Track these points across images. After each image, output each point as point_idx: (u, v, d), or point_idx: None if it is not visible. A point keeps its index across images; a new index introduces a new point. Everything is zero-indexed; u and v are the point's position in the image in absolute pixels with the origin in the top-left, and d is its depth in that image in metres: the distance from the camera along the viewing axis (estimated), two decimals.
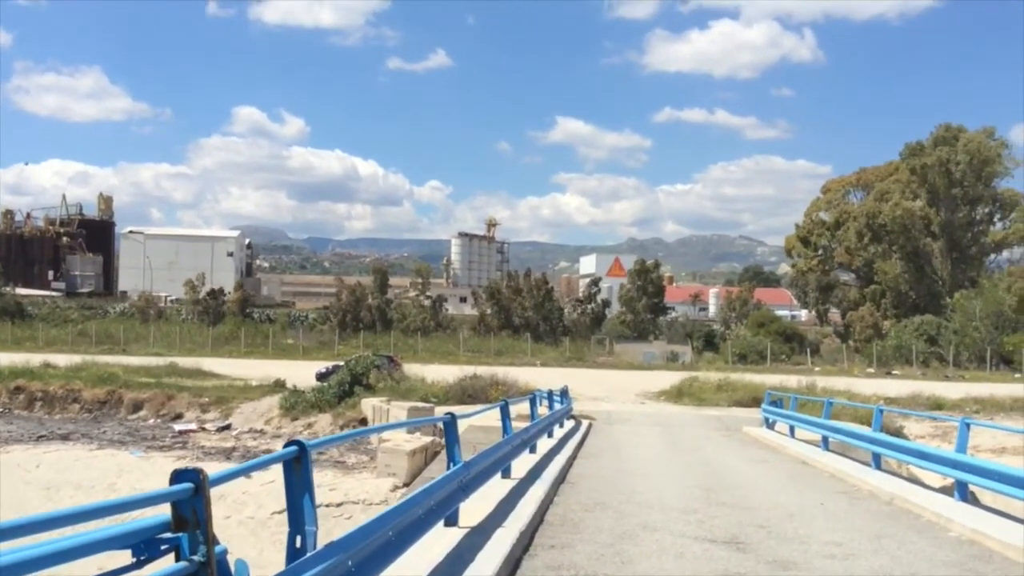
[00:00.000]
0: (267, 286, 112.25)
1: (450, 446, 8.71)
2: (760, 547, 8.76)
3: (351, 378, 30.31)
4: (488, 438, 15.12)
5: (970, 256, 78.38)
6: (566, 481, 13.07)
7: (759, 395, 28.25)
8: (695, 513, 10.62)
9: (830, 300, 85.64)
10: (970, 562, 8.30)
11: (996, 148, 77.45)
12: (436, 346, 66.38)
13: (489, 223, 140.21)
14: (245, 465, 4.60)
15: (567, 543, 8.69)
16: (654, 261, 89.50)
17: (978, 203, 78.72)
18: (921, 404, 30.66)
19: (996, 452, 21.58)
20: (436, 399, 27.75)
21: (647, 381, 40.30)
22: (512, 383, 29.87)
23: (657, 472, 14.75)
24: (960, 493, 11.34)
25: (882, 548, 8.84)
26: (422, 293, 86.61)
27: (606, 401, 32.54)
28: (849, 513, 11.06)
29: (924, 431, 25.46)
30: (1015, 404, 31.11)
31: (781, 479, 14.41)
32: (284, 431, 27.67)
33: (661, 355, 65.20)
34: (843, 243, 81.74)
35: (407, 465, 18.75)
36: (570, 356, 63.83)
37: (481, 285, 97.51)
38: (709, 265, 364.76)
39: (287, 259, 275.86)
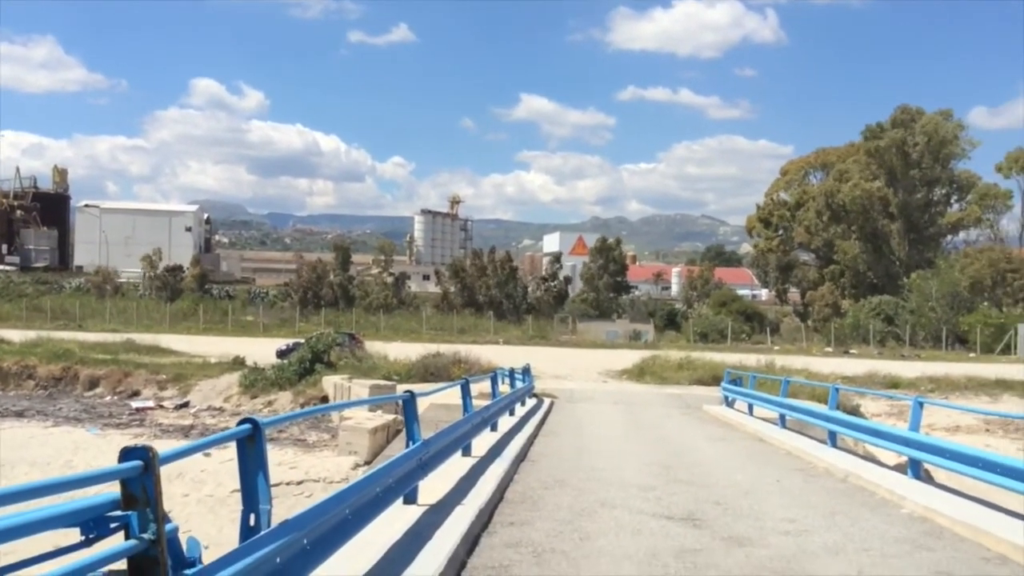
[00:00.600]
0: (226, 262, 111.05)
1: (409, 424, 8.69)
2: (716, 523, 8.86)
3: (312, 356, 30.08)
4: (449, 416, 15.11)
5: (927, 237, 79.72)
6: (527, 459, 13.11)
7: (719, 373, 28.52)
8: (654, 490, 10.71)
9: (790, 280, 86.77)
10: (921, 538, 8.46)
11: (953, 130, 78.66)
12: (399, 324, 66.18)
13: (452, 200, 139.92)
14: (197, 443, 4.53)
15: (526, 520, 8.72)
16: (615, 239, 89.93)
17: (935, 184, 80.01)
18: (877, 383, 31.13)
19: (950, 431, 22.01)
20: (398, 377, 27.65)
21: (609, 360, 40.51)
22: (475, 361, 29.85)
23: (617, 450, 14.85)
24: (913, 471, 11.54)
25: (835, 525, 8.98)
26: (385, 270, 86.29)
27: (568, 379, 32.68)
28: (804, 490, 11.22)
29: (880, 409, 25.88)
30: (970, 383, 31.71)
31: (739, 456, 14.58)
32: (244, 409, 27.43)
33: (624, 334, 65.60)
34: (803, 223, 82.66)
35: (369, 443, 18.69)
36: (533, 334, 63.98)
37: (444, 263, 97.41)
38: (672, 244, 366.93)
39: (247, 235, 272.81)
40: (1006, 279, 68.52)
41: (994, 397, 29.69)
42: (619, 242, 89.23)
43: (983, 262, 68.34)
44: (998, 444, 19.99)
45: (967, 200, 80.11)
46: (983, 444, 18.51)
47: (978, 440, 20.14)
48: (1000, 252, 71.51)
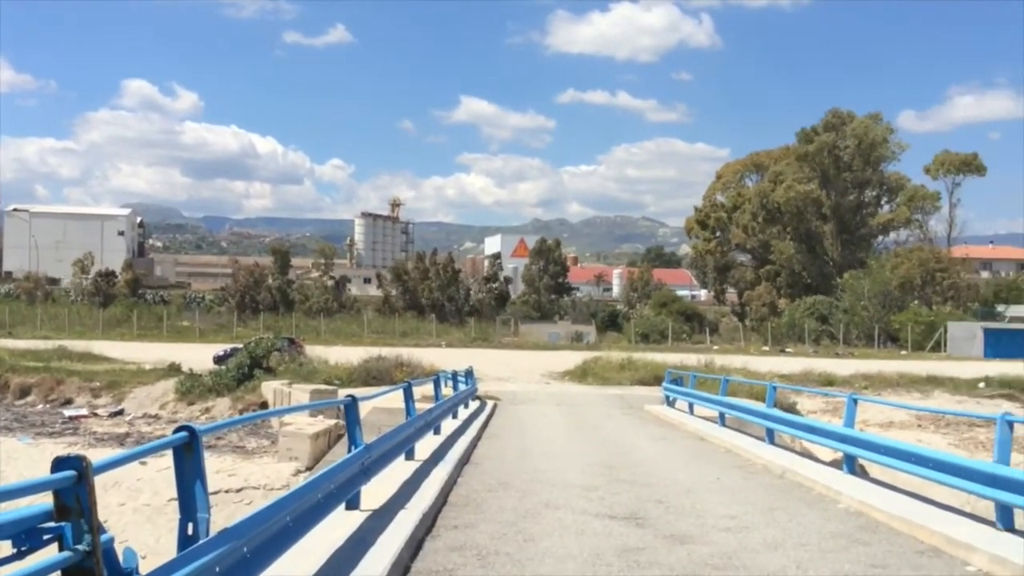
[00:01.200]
0: (161, 266, 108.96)
1: (351, 429, 8.60)
2: (658, 522, 8.95)
3: (251, 361, 29.63)
4: (392, 420, 15.00)
5: (859, 238, 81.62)
6: (470, 462, 13.09)
7: (660, 374, 28.81)
8: (597, 490, 10.77)
9: (728, 280, 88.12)
10: (857, 533, 8.65)
11: (883, 133, 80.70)
12: (340, 328, 65.61)
13: (393, 203, 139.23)
14: (132, 451, 4.44)
15: (470, 523, 8.70)
16: (555, 240, 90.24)
17: (866, 186, 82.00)
18: (813, 380, 31.77)
19: (883, 426, 22.52)
20: (339, 381, 27.38)
21: (552, 361, 40.66)
22: (417, 364, 29.72)
23: (560, 451, 14.91)
24: (848, 466, 11.80)
25: (774, 521, 9.13)
26: (325, 274, 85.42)
27: (511, 381, 32.72)
28: (743, 487, 11.39)
29: (816, 406, 26.37)
30: (901, 380, 32.53)
31: (680, 455, 14.75)
32: (180, 416, 26.90)
33: (566, 335, 65.93)
34: (739, 225, 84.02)
35: (310, 448, 18.47)
36: (475, 337, 63.95)
37: (386, 266, 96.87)
38: (613, 246, 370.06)
39: (182, 239, 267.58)
40: (935, 278, 70.50)
41: (925, 393, 30.48)
42: (558, 244, 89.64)
43: (913, 262, 70.22)
44: (930, 439, 20.51)
45: (897, 202, 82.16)
46: (915, 439, 18.99)
47: (910, 435, 20.65)
48: (929, 252, 73.55)
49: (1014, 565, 6.95)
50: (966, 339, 61.19)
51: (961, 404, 27.72)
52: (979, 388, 30.91)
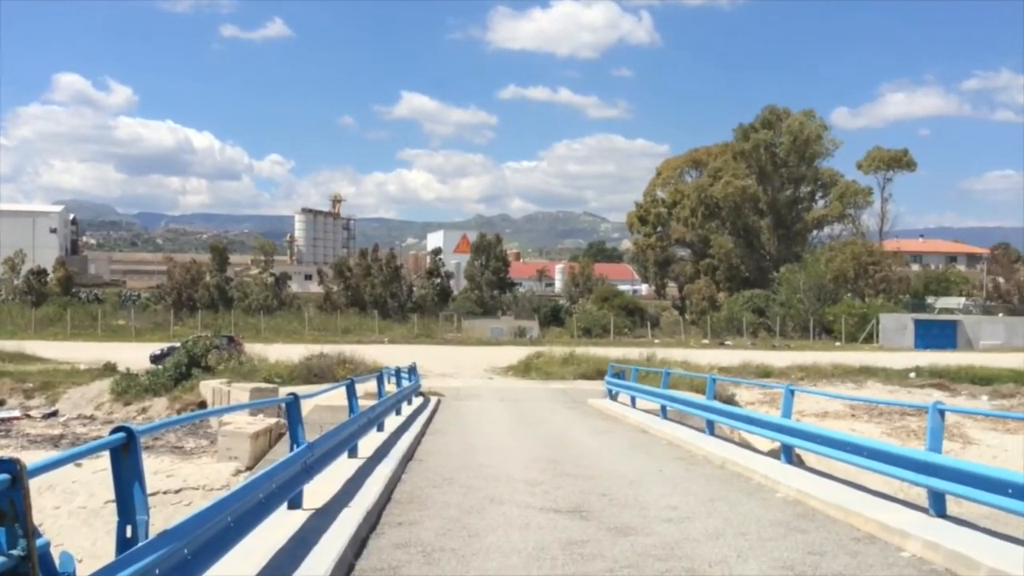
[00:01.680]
0: (94, 264, 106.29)
1: (293, 427, 8.51)
2: (602, 514, 9.03)
3: (188, 360, 29.14)
4: (334, 417, 14.89)
5: (795, 232, 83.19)
6: (414, 458, 13.05)
7: (603, 368, 29.06)
8: (541, 484, 10.83)
9: (668, 275, 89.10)
10: (795, 521, 8.83)
11: (817, 130, 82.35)
12: (280, 325, 64.79)
13: (334, 199, 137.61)
14: (68, 453, 4.32)
15: (415, 520, 8.68)
16: (495, 236, 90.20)
17: (801, 182, 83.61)
18: (751, 372, 32.34)
19: (819, 416, 23.00)
20: (280, 379, 27.07)
21: (495, 356, 40.71)
22: (360, 361, 29.51)
23: (504, 446, 14.95)
24: (786, 456, 12.04)
25: (715, 511, 9.28)
26: (265, 271, 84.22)
27: (454, 377, 32.68)
28: (685, 478, 11.55)
29: (754, 398, 26.84)
30: (836, 371, 33.28)
31: (623, 448, 14.90)
32: (116, 416, 26.34)
33: (509, 331, 66.05)
34: (679, 220, 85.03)
35: (249, 448, 18.22)
36: (418, 333, 63.72)
37: (327, 262, 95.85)
38: (555, 241, 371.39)
39: (116, 236, 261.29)
40: (868, 271, 72.27)
41: (858, 383, 31.24)
42: (499, 239, 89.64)
43: (846, 255, 71.87)
44: (863, 428, 21.02)
45: (830, 197, 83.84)
46: (849, 428, 19.45)
47: (845, 425, 21.14)
48: (862, 246, 75.34)
49: (946, 550, 7.16)
50: (897, 330, 62.86)
51: (893, 394, 28.47)
52: (910, 378, 31.79)
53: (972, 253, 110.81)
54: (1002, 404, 26.59)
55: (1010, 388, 29.31)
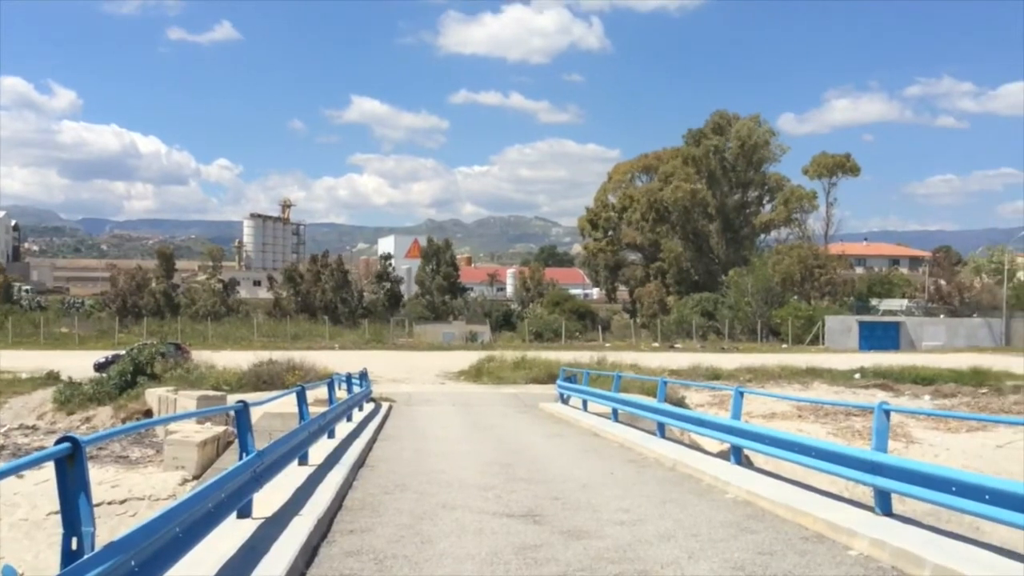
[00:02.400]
0: (37, 271, 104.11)
1: (242, 435, 8.39)
2: (555, 518, 9.05)
3: (134, 368, 28.59)
4: (284, 425, 14.73)
5: (743, 236, 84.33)
6: (366, 465, 12.95)
7: (555, 372, 29.13)
8: (493, 489, 10.81)
9: (619, 279, 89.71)
10: (745, 521, 8.94)
11: (765, 135, 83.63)
12: (228, 332, 63.95)
13: (284, 204, 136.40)
14: (11, 465, 4.21)
15: (367, 527, 8.61)
16: (445, 241, 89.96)
17: (749, 187, 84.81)
18: (701, 375, 32.68)
19: (767, 417, 23.31)
20: (228, 387, 26.67)
21: (447, 361, 40.61)
22: (310, 367, 29.19)
23: (457, 451, 14.90)
24: (735, 457, 12.18)
25: (667, 512, 9.35)
26: (213, 277, 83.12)
27: (406, 383, 32.52)
28: (637, 481, 11.62)
29: (704, 400, 27.10)
30: (783, 372, 33.79)
31: (575, 452, 14.94)
32: (59, 426, 25.72)
33: (460, 335, 65.94)
34: (630, 224, 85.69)
35: (197, 457, 17.93)
36: (369, 338, 63.35)
37: (276, 268, 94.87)
38: (507, 246, 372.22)
39: (59, 242, 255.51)
40: (813, 274, 73.53)
41: (805, 384, 31.73)
42: (448, 244, 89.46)
43: (793, 259, 73.05)
44: (810, 428, 21.35)
45: (777, 201, 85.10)
46: (796, 429, 19.74)
47: (792, 425, 21.46)
48: (808, 249, 76.63)
49: (893, 548, 7.30)
50: (842, 332, 64.04)
51: (838, 394, 28.97)
52: (855, 379, 32.38)
53: (914, 256, 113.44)
54: (944, 404, 27.20)
55: (951, 388, 30.00)
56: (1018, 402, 27.33)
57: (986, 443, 19.93)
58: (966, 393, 29.11)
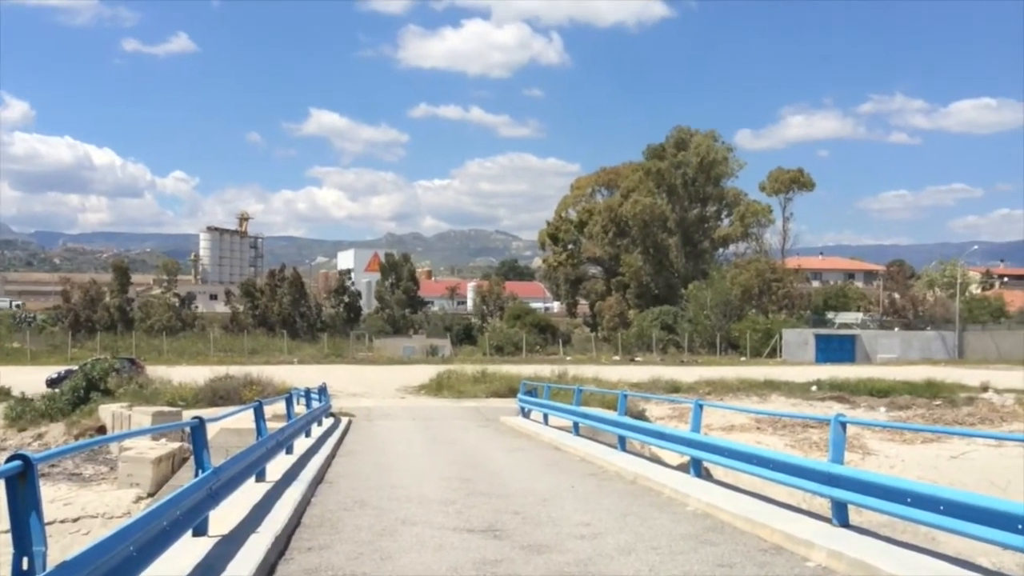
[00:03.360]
0: None
1: (198, 452, 8.27)
2: (516, 533, 9.02)
3: (87, 383, 28.07)
4: (241, 441, 14.54)
5: (701, 250, 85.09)
6: (324, 481, 12.82)
7: (515, 385, 29.11)
8: (454, 504, 10.76)
9: (579, 292, 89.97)
10: (705, 534, 8.98)
11: (723, 151, 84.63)
12: (184, 347, 63.03)
13: (241, 217, 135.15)
14: None
15: (325, 544, 8.51)
16: (403, 255, 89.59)
17: (708, 201, 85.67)
18: (661, 388, 32.87)
19: (726, 430, 23.49)
20: (184, 402, 26.30)
21: (407, 375, 40.41)
22: (268, 382, 28.90)
23: (417, 466, 14.81)
24: (695, 469, 12.25)
25: (627, 526, 9.37)
26: (168, 291, 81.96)
27: (366, 397, 32.30)
28: (597, 494, 11.63)
29: (664, 413, 27.25)
30: (741, 385, 34.10)
31: (536, 465, 14.92)
32: (10, 443, 25.15)
33: (421, 349, 65.68)
34: (590, 238, 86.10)
35: (152, 474, 17.63)
36: (329, 353, 62.84)
37: (233, 282, 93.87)
38: (467, 260, 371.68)
39: (11, 255, 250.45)
40: (771, 288, 74.44)
41: (763, 397, 32.05)
42: (407, 258, 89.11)
43: (751, 273, 73.91)
44: (768, 440, 21.55)
45: (734, 216, 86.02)
46: (755, 441, 19.91)
47: (751, 437, 21.64)
48: (765, 263, 77.59)
49: (849, 559, 7.38)
50: (799, 345, 64.87)
51: (796, 407, 29.30)
52: (812, 391, 32.77)
53: (869, 270, 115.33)
54: (899, 415, 27.62)
55: (906, 400, 30.48)
56: (971, 414, 27.84)
57: (940, 454, 20.26)
58: (921, 405, 29.59)
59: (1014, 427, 25.21)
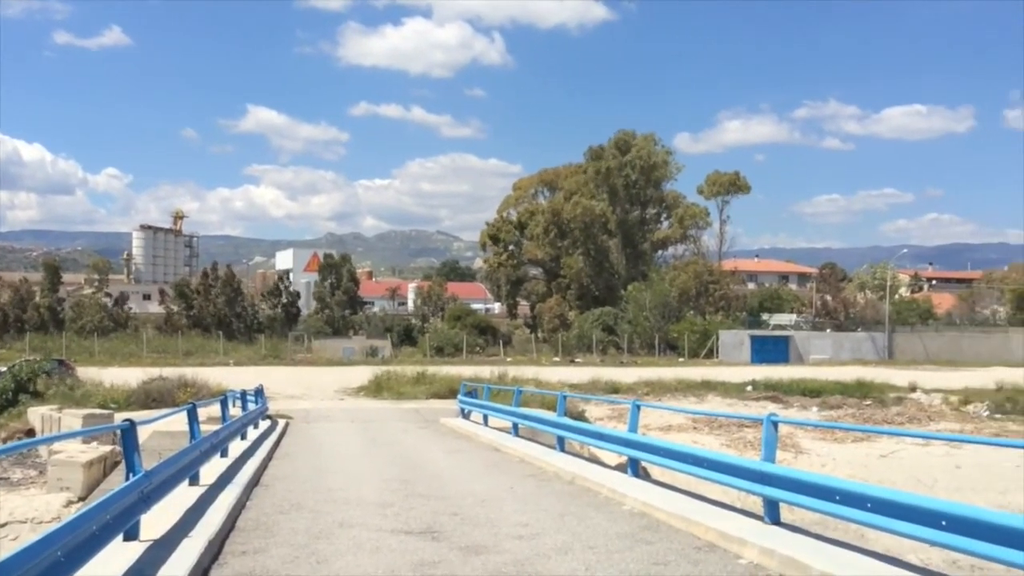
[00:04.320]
0: None
1: (129, 455, 8.11)
2: (454, 534, 9.02)
3: (15, 385, 27.32)
4: (175, 444, 14.29)
5: (641, 252, 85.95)
6: (260, 484, 12.66)
7: (456, 386, 29.07)
8: (392, 506, 10.71)
9: (520, 293, 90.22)
10: (641, 532, 9.09)
11: (663, 154, 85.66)
12: (117, 347, 61.64)
13: (176, 215, 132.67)
14: None
15: (260, 548, 8.41)
16: (343, 255, 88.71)
17: (648, 204, 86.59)
18: (600, 388, 33.16)
19: (663, 430, 23.78)
20: (116, 405, 25.71)
21: (346, 377, 40.08)
22: (203, 384, 28.44)
23: (355, 468, 14.71)
24: (632, 469, 12.38)
25: (565, 526, 9.43)
26: (100, 290, 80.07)
27: (304, 399, 31.95)
28: (536, 495, 11.69)
29: (603, 413, 27.48)
30: (679, 385, 34.58)
31: (475, 467, 14.93)
32: None
33: (360, 350, 65.21)
34: (531, 239, 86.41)
35: (83, 478, 17.21)
36: (266, 354, 61.99)
37: (168, 281, 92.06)
38: (408, 260, 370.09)
39: None
40: (708, 290, 75.57)
41: (700, 397, 32.54)
42: (345, 259, 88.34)
43: (689, 275, 74.95)
44: (704, 440, 21.88)
45: (673, 219, 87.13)
46: (691, 441, 20.21)
47: (687, 437, 21.95)
48: (702, 265, 78.76)
49: (781, 556, 7.54)
50: (735, 346, 65.97)
51: (731, 406, 29.80)
52: (747, 391, 33.39)
53: (802, 272, 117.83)
54: (830, 415, 28.27)
55: (837, 399, 31.21)
56: (900, 413, 28.62)
57: (870, 453, 20.80)
58: (851, 405, 30.33)
59: (941, 426, 26.00)
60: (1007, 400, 29.77)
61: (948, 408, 29.85)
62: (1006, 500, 15.85)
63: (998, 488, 17.21)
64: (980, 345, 67.91)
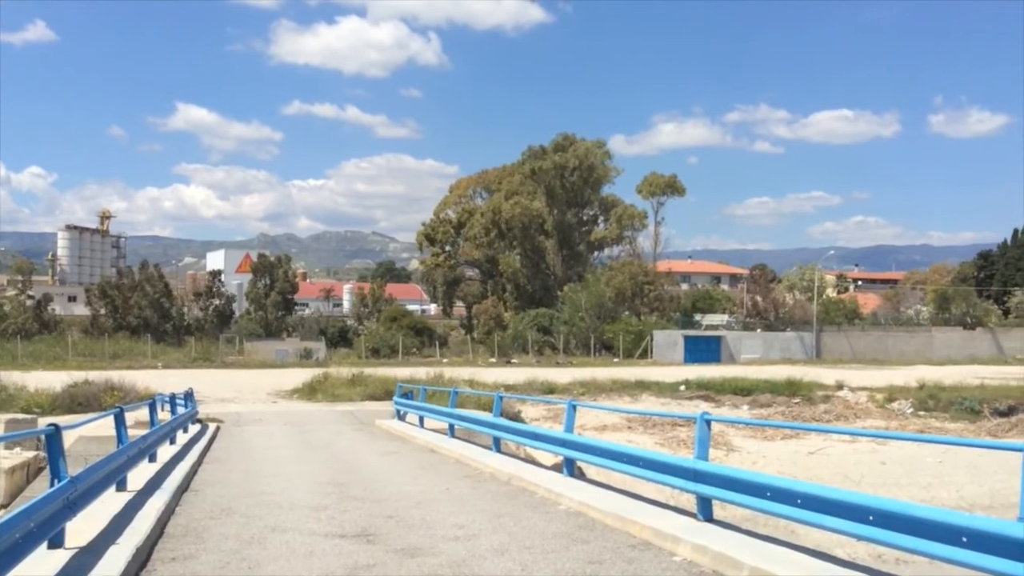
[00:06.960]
0: None
1: (53, 461, 7.87)
2: (389, 537, 8.95)
3: None
4: (102, 449, 13.95)
5: (578, 253, 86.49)
6: (190, 489, 12.40)
7: (391, 388, 28.92)
8: (326, 510, 10.59)
9: (456, 295, 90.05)
10: (577, 532, 9.14)
11: (602, 157, 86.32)
12: (40, 351, 59.74)
13: (102, 215, 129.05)
14: None
15: (190, 554, 8.24)
16: (277, 256, 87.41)
17: (586, 205, 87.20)
18: (536, 389, 33.31)
19: (599, 429, 23.99)
20: (40, 409, 24.97)
21: (280, 379, 39.55)
22: (130, 388, 27.80)
23: (288, 472, 14.50)
24: (568, 469, 12.45)
25: (501, 526, 9.44)
26: (23, 292, 77.60)
27: (235, 402, 31.43)
28: (472, 496, 11.67)
29: (539, 414, 27.61)
30: (614, 385, 34.91)
31: (410, 468, 14.85)
32: None
33: (294, 352, 64.38)
34: (469, 239, 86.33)
35: (5, 484, 16.67)
36: (196, 357, 60.76)
37: (94, 283, 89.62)
38: (343, 261, 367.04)
39: None
40: (643, 291, 76.36)
41: (634, 397, 32.93)
42: (280, 260, 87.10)
43: (624, 275, 75.62)
44: (639, 439, 22.13)
45: (610, 220, 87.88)
46: (626, 440, 20.43)
47: (622, 436, 22.19)
48: (638, 267, 79.55)
49: (713, 552, 7.65)
50: (669, 346, 66.84)
51: (665, 405, 30.23)
52: (680, 391, 33.86)
53: (734, 273, 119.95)
54: (760, 413, 28.85)
55: (767, 398, 31.87)
56: (828, 411, 29.33)
57: (799, 450, 21.28)
58: (781, 403, 31.02)
59: (868, 423, 26.73)
60: (929, 397, 30.74)
61: (874, 406, 30.71)
62: (930, 495, 16.37)
63: (922, 483, 17.77)
64: (904, 344, 70.04)
